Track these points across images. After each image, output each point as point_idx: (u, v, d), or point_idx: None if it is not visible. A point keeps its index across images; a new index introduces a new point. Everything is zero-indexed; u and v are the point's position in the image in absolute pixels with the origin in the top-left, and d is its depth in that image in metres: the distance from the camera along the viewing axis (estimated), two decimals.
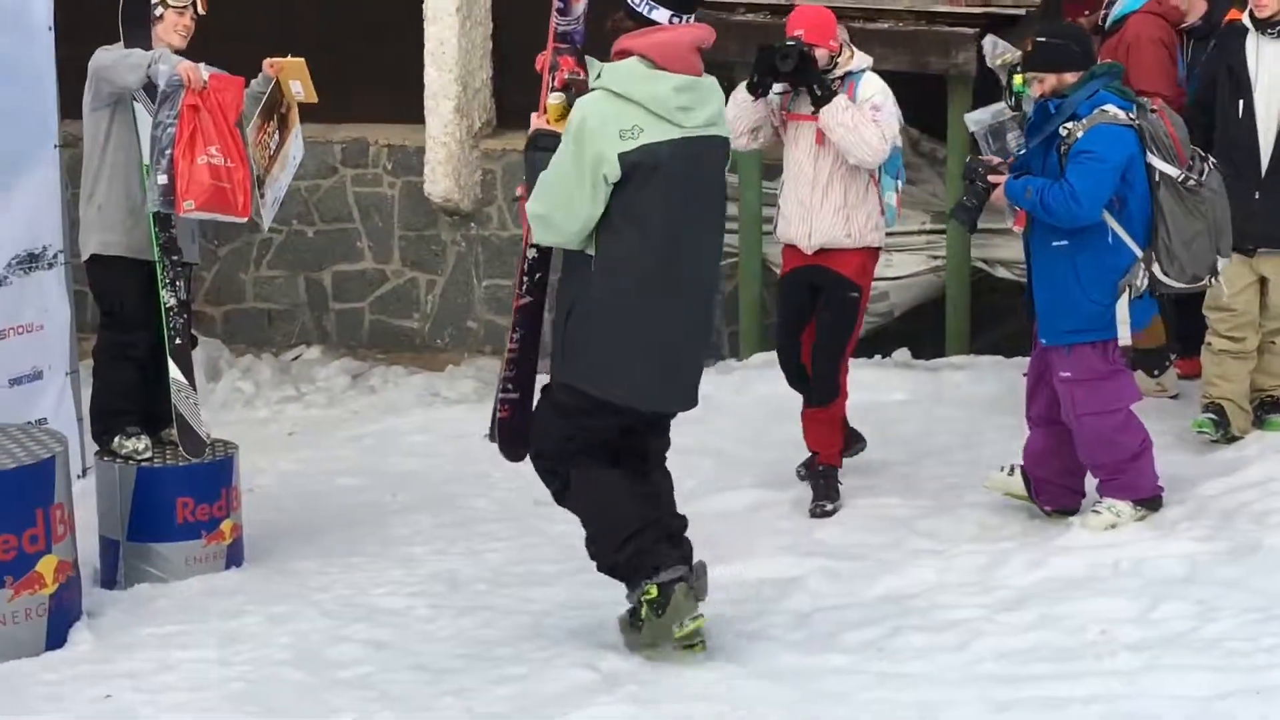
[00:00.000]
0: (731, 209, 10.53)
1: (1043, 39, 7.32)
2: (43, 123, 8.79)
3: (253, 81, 7.77)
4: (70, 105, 8.79)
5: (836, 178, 7.86)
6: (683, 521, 6.54)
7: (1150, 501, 7.38)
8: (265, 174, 7.74)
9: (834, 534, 7.78)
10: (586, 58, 6.29)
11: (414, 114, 11.27)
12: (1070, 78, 7.12)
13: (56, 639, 6.88)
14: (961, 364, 9.99)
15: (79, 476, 8.20)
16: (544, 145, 6.22)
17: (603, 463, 6.38)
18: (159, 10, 7.67)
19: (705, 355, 6.49)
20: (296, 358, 11.80)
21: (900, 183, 8.00)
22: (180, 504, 7.65)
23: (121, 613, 7.33)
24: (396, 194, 11.65)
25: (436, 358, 11.52)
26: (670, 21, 6.11)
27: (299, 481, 9.28)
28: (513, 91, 11.49)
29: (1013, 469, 7.66)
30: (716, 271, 6.49)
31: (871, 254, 8.01)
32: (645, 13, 6.12)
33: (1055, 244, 7.14)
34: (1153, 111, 7.13)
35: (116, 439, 7.77)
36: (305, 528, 8.44)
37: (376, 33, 11.45)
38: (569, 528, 7.97)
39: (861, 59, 7.92)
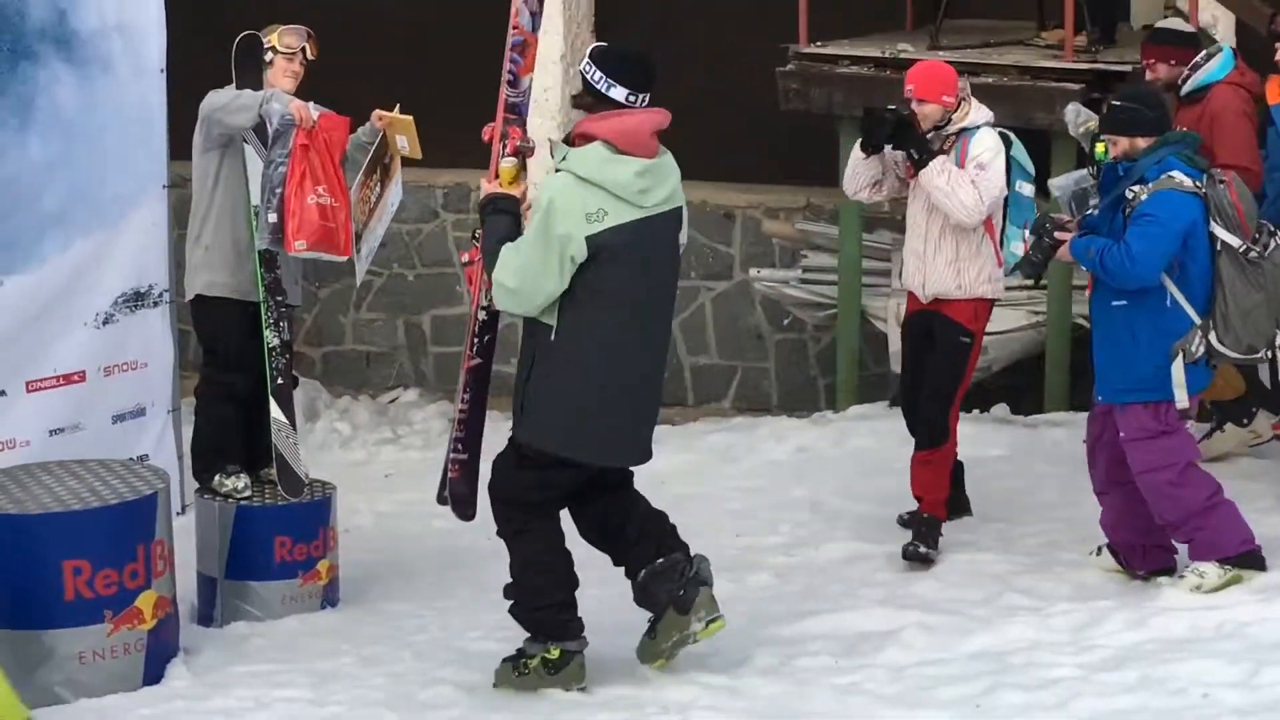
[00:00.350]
0: (830, 260, 10.55)
1: (1118, 102, 7.36)
2: (152, 164, 8.89)
3: (360, 129, 7.84)
4: (178, 147, 8.91)
5: (948, 232, 7.92)
6: (665, 521, 6.88)
7: (1241, 559, 7.26)
8: (364, 229, 7.83)
9: (930, 588, 7.73)
10: (550, 140, 6.68)
11: None
12: (1142, 142, 7.13)
13: (154, 674, 6.93)
14: (1061, 420, 9.91)
15: (178, 513, 8.25)
16: (501, 208, 6.54)
17: (554, 518, 6.73)
18: (269, 55, 7.76)
19: (658, 409, 6.84)
20: (394, 400, 11.85)
21: (1028, 232, 8.01)
22: (278, 543, 7.70)
23: (218, 650, 7.38)
24: None
25: None
26: (628, 100, 6.37)
27: (394, 523, 9.32)
28: None
29: (1099, 550, 7.62)
30: (669, 333, 6.84)
31: (984, 304, 8.09)
32: (604, 90, 6.38)
33: (1115, 304, 7.18)
34: (1221, 183, 7.10)
35: (217, 477, 7.83)
36: (400, 569, 8.47)
37: (481, 79, 11.51)
38: None
39: (979, 114, 7.97)
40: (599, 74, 6.36)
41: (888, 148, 7.91)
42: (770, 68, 10.10)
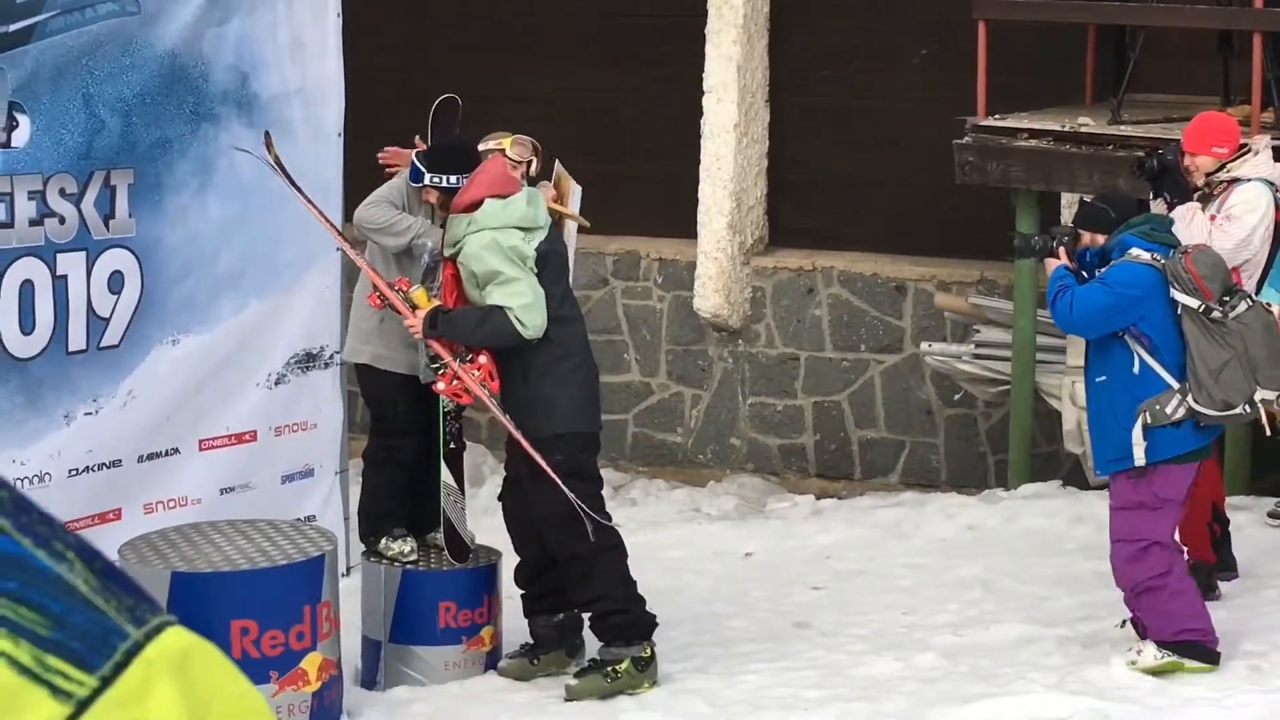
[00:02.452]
0: (1004, 335, 10.40)
1: (1087, 199, 8.04)
2: None
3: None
4: (352, 209, 8.98)
5: None
6: None
7: (1179, 647, 7.34)
8: None
9: (1103, 675, 7.53)
10: (450, 217, 7.40)
11: (686, 229, 11.31)
12: (1101, 239, 7.52)
13: None
14: (1241, 505, 9.67)
15: (343, 575, 8.28)
16: (446, 313, 7.33)
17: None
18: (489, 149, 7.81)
19: None
20: None
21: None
22: (443, 608, 7.68)
23: (380, 714, 7.36)
24: (665, 308, 11.69)
25: (699, 473, 11.48)
26: (459, 181, 7.42)
27: None
28: (786, 210, 11.49)
29: (1124, 623, 7.67)
30: None
31: None
32: (450, 184, 7.44)
33: (1097, 380, 7.48)
34: (1182, 254, 7.34)
35: (383, 540, 7.83)
36: None
37: (653, 147, 11.55)
38: (831, 655, 7.86)
39: (1255, 169, 8.14)
40: (450, 178, 7.44)
41: None
42: (947, 139, 9.99)
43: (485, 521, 10.27)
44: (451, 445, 7.77)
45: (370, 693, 7.67)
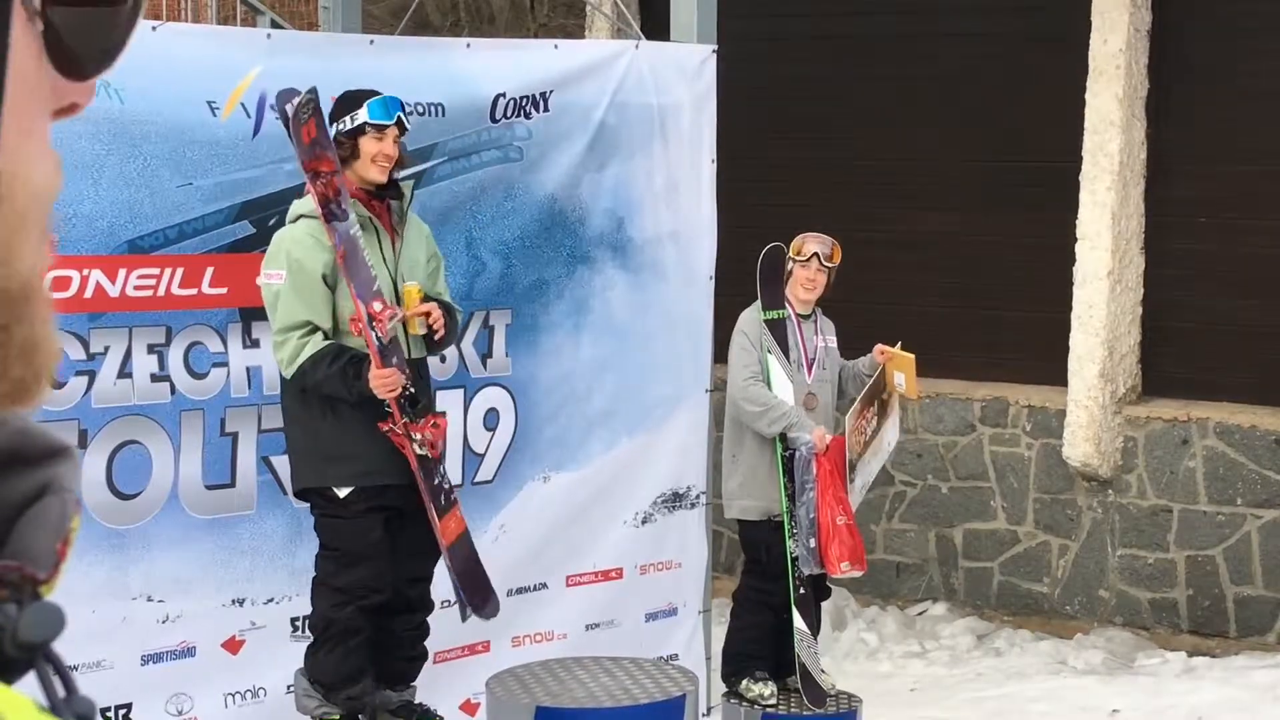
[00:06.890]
0: None
1: None
2: (697, 368, 9.08)
3: (860, 360, 8.04)
4: (719, 350, 9.10)
5: None
6: None
7: None
8: (858, 459, 7.97)
9: None
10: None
11: (1056, 376, 11.15)
12: None
13: None
14: None
15: (704, 715, 8.31)
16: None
17: None
18: (789, 264, 7.95)
19: None
20: (922, 613, 11.71)
21: None
22: None
23: None
24: (1034, 455, 11.51)
25: (1065, 625, 11.23)
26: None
27: None
28: (1161, 358, 11.25)
29: None
30: None
31: None
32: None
33: None
34: None
35: (745, 682, 7.86)
36: None
37: (1023, 295, 11.45)
38: None
39: None
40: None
41: None
42: None
43: (848, 666, 10.25)
44: (801, 590, 7.78)
45: None
